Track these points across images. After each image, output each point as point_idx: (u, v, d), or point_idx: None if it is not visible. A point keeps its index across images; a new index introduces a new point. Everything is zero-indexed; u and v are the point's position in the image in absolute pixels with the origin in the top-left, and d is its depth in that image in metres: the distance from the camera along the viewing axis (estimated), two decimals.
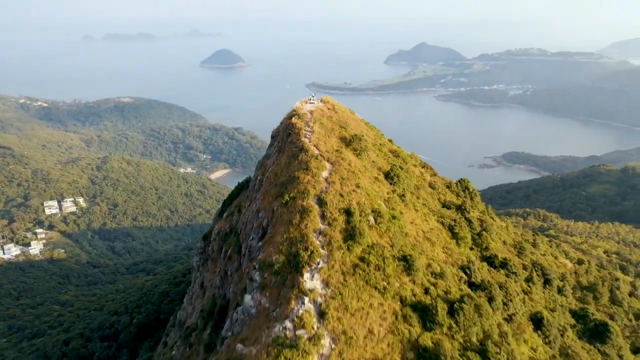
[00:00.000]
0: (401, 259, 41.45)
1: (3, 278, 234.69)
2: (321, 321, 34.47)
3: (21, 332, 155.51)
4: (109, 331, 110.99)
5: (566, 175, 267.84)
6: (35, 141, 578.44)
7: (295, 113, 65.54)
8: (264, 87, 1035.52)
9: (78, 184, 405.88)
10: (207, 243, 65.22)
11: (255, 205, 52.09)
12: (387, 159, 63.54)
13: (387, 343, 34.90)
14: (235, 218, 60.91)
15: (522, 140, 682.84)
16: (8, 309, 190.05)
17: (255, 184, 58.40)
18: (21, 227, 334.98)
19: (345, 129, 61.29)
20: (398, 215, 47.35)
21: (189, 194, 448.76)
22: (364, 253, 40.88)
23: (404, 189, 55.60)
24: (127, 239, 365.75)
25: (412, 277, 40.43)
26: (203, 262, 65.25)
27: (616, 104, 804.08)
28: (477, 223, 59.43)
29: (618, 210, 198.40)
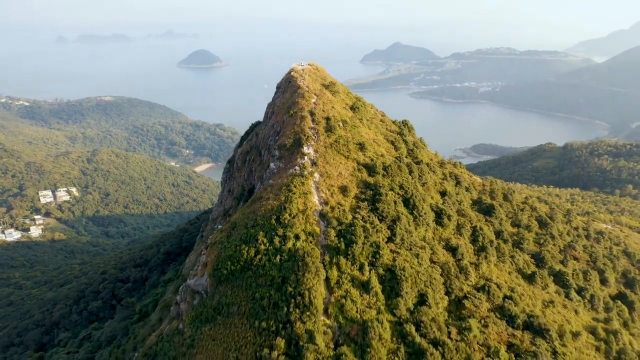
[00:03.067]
0: (358, 144, 72.54)
1: (14, 252, 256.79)
2: (313, 166, 64.93)
3: (49, 284, 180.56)
4: (140, 261, 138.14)
5: (517, 154, 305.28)
6: (21, 137, 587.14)
7: (293, 70, 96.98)
8: (242, 86, 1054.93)
9: (70, 175, 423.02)
10: (232, 164, 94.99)
11: (270, 122, 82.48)
12: (352, 100, 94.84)
13: (349, 179, 65.55)
14: (253, 140, 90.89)
15: (490, 133, 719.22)
16: (28, 272, 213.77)
17: (269, 116, 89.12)
18: (20, 214, 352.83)
19: (324, 79, 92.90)
20: (357, 125, 78.29)
21: (176, 184, 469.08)
22: (336, 138, 71.74)
23: (362, 116, 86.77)
24: (120, 225, 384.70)
25: (364, 153, 71.56)
26: (229, 176, 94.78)
27: (578, 99, 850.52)
28: (410, 143, 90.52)
29: (556, 178, 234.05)
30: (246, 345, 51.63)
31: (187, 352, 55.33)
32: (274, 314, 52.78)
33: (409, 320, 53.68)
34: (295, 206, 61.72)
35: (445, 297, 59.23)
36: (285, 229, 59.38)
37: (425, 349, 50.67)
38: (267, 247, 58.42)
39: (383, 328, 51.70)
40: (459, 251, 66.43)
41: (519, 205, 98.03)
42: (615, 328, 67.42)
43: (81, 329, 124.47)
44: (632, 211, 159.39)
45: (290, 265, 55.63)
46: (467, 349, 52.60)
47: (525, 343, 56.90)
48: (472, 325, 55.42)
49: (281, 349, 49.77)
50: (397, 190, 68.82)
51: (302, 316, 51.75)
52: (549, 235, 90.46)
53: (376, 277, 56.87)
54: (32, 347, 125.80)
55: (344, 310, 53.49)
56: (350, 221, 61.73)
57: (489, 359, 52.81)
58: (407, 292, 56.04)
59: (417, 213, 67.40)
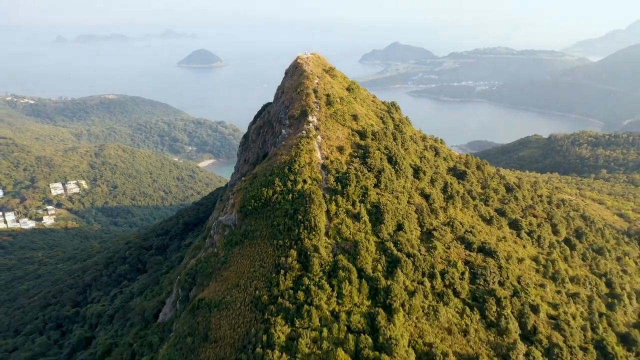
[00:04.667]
0: (352, 115, 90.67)
1: (32, 237, 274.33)
2: (316, 131, 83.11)
3: (73, 259, 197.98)
4: (161, 231, 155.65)
5: (506, 145, 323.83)
6: (29, 134, 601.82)
7: (299, 58, 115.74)
8: (242, 86, 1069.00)
9: (79, 168, 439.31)
10: (247, 138, 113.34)
11: (281, 100, 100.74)
12: (347, 83, 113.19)
13: (345, 141, 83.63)
14: (265, 117, 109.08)
15: (486, 130, 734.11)
16: (49, 253, 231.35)
17: (279, 96, 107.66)
18: (33, 205, 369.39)
19: (325, 66, 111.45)
20: (352, 102, 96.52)
21: (181, 177, 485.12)
22: (335, 110, 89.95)
23: (356, 95, 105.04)
24: (128, 216, 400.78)
25: (357, 122, 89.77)
26: (244, 148, 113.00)
27: (573, 97, 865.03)
28: (397, 119, 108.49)
29: (540, 166, 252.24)
30: (267, 257, 69.57)
31: (221, 267, 73.19)
32: (288, 235, 70.70)
33: (389, 240, 71.69)
34: (303, 159, 79.83)
35: (418, 228, 77.25)
36: (295, 176, 77.38)
37: (400, 258, 68.66)
38: (282, 189, 76.41)
39: (369, 244, 69.70)
40: (431, 197, 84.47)
41: (489, 174, 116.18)
42: (554, 258, 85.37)
43: (111, 288, 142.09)
44: (601, 189, 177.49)
45: (300, 200, 73.52)
46: (432, 260, 70.60)
47: (477, 261, 74.93)
48: (438, 246, 73.41)
49: (294, 257, 67.69)
50: (383, 150, 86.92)
51: (309, 235, 69.69)
52: (512, 197, 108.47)
53: (365, 210, 74.88)
54: (68, 304, 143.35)
55: (340, 232, 71.46)
56: (346, 170, 79.85)
57: (449, 268, 70.81)
58: (388, 222, 74.02)
59: (398, 168, 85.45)
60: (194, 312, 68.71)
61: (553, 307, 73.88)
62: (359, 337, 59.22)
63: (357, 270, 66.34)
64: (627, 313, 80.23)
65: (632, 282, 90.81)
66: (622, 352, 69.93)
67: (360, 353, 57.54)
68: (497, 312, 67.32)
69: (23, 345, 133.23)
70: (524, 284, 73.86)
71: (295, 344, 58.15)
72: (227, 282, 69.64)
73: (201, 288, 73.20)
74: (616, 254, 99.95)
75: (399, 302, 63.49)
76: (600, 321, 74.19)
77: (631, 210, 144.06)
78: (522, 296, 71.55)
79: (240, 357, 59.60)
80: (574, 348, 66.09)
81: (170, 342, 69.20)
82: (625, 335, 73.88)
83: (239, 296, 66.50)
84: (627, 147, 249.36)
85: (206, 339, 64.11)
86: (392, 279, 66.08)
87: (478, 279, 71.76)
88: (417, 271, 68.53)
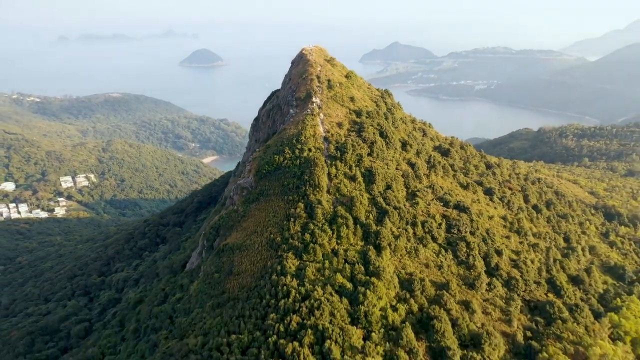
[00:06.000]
0: (350, 97, 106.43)
1: (48, 225, 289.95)
2: (319, 109, 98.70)
3: (91, 241, 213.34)
4: (177, 210, 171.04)
5: (498, 138, 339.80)
6: (36, 131, 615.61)
7: (304, 49, 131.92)
8: (244, 85, 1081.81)
9: (88, 162, 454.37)
10: (257, 121, 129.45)
11: (288, 85, 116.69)
12: (346, 71, 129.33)
13: (343, 118, 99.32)
14: (274, 101, 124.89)
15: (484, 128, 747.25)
16: (68, 237, 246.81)
17: (286, 82, 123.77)
18: (44, 197, 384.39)
19: (326, 56, 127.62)
20: (350, 87, 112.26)
21: (186, 172, 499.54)
22: (335, 93, 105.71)
23: (353, 82, 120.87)
24: (136, 208, 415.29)
25: (354, 103, 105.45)
26: (255, 130, 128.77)
27: (569, 95, 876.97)
28: (389, 104, 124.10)
29: (528, 156, 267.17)
30: (279, 209, 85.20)
31: (240, 220, 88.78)
32: (296, 191, 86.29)
33: (380, 196, 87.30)
34: (308, 132, 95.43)
35: (404, 189, 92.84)
36: (302, 145, 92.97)
37: (388, 210, 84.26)
38: (291, 156, 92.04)
39: (363, 199, 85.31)
40: (416, 166, 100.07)
41: (472, 153, 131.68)
42: (520, 217, 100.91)
43: (133, 260, 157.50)
44: (580, 174, 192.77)
45: (306, 165, 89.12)
46: (415, 213, 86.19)
47: (453, 215, 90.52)
48: (420, 203, 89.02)
49: (301, 208, 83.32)
50: (376, 126, 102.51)
51: (313, 192, 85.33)
52: (491, 172, 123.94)
53: (359, 173, 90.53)
54: (94, 274, 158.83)
55: (339, 190, 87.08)
56: (344, 141, 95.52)
57: (428, 219, 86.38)
58: (379, 182, 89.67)
59: (388, 141, 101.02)
60: (220, 255, 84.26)
61: (515, 253, 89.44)
62: (353, 266, 74.84)
63: (353, 218, 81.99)
64: (580, 262, 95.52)
65: (589, 240, 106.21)
66: (570, 288, 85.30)
67: (355, 278, 73.13)
68: (467, 253, 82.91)
69: (55, 310, 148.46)
70: (491, 234, 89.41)
71: (303, 272, 73.70)
72: (247, 230, 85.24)
73: (224, 237, 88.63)
74: (579, 220, 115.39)
75: (386, 242, 79.09)
76: (555, 265, 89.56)
77: (602, 190, 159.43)
78: (489, 243, 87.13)
79: (259, 283, 75.12)
80: (529, 281, 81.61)
81: (199, 280, 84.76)
82: (575, 277, 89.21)
83: (257, 240, 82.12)
84: (611, 138, 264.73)
85: (230, 273, 79.64)
86: (381, 225, 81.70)
87: (452, 228, 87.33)
88: (402, 220, 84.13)
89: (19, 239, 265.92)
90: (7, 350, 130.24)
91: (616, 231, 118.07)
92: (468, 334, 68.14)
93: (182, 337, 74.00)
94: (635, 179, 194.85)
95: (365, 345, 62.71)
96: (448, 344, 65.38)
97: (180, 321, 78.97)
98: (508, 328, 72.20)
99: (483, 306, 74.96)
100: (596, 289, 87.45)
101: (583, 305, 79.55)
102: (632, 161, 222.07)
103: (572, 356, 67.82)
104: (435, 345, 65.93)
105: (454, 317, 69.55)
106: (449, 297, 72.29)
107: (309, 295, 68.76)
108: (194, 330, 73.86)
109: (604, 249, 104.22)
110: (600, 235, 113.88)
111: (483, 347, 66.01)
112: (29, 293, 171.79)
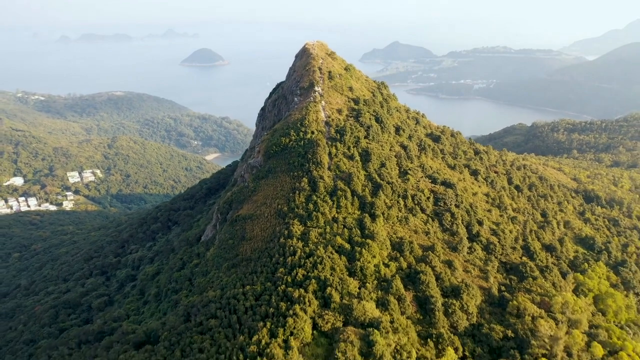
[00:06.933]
0: (348, 87, 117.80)
1: (58, 216, 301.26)
2: (321, 97, 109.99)
3: (103, 229, 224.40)
4: (187, 195, 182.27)
5: (493, 133, 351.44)
6: (42, 128, 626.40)
7: (307, 44, 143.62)
8: (245, 84, 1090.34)
9: (94, 158, 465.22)
10: (264, 110, 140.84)
11: (293, 77, 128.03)
12: (345, 64, 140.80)
13: (342, 105, 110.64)
14: (279, 91, 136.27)
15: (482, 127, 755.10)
16: (79, 226, 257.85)
17: (291, 74, 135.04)
18: (53, 191, 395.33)
19: (327, 50, 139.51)
20: (348, 78, 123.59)
21: (189, 168, 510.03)
22: (335, 83, 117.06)
23: (351, 74, 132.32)
24: (141, 202, 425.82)
25: (352, 93, 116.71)
26: (262, 118, 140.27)
27: (567, 94, 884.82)
28: (385, 94, 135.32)
29: (521, 149, 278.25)
30: (286, 184, 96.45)
31: (251, 194, 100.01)
32: (301, 168, 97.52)
33: (375, 173, 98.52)
34: (311, 117, 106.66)
35: (397, 168, 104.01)
36: (305, 128, 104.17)
37: (382, 184, 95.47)
38: (296, 137, 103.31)
39: (360, 175, 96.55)
40: (408, 148, 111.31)
41: (461, 140, 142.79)
42: (502, 194, 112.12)
43: (147, 242, 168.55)
44: (567, 164, 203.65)
45: (309, 145, 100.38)
46: (406, 187, 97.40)
47: (440, 190, 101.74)
48: (411, 179, 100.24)
49: (305, 183, 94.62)
50: (372, 112, 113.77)
51: (316, 168, 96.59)
52: (478, 158, 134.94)
53: (357, 152, 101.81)
54: (110, 256, 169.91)
55: (338, 167, 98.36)
56: (343, 125, 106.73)
57: (418, 192, 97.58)
58: (374, 161, 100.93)
59: (383, 126, 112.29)
60: (233, 225, 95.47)
61: (495, 225, 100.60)
62: (351, 231, 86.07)
63: (351, 191, 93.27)
64: (554, 234, 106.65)
65: (565, 217, 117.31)
66: (543, 254, 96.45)
67: (352, 240, 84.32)
68: (451, 222, 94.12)
69: (74, 288, 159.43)
70: (474, 207, 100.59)
71: (307, 235, 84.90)
72: (257, 203, 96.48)
73: (236, 210, 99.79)
74: (558, 200, 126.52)
75: (380, 211, 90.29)
76: (530, 235, 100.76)
77: (585, 177, 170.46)
78: (472, 214, 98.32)
79: (269, 245, 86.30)
80: (506, 247, 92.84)
81: (215, 246, 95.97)
82: (549, 245, 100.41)
83: (266, 210, 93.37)
84: (600, 132, 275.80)
85: (243, 238, 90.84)
86: (376, 197, 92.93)
87: (439, 201, 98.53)
88: (394, 193, 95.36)
89: (32, 229, 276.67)
90: (33, 322, 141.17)
91: (592, 211, 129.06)
92: (450, 286, 79.30)
93: (202, 293, 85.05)
94: (619, 168, 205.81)
95: (361, 292, 73.85)
96: (432, 293, 76.54)
97: (199, 281, 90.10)
98: (485, 283, 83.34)
99: (464, 265, 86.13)
100: (567, 256, 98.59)
101: (553, 266, 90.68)
102: (618, 153, 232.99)
103: (538, 304, 78.95)
104: (420, 294, 77.08)
105: (437, 272, 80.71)
106: (434, 257, 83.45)
107: (313, 254, 79.83)
108: (212, 287, 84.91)
109: (578, 224, 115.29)
110: (577, 214, 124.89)
111: (462, 297, 77.10)
112: (47, 275, 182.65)
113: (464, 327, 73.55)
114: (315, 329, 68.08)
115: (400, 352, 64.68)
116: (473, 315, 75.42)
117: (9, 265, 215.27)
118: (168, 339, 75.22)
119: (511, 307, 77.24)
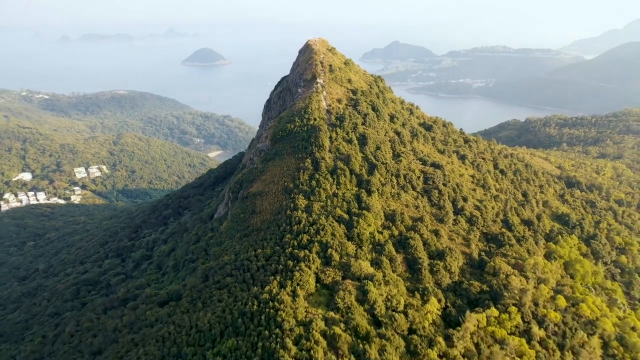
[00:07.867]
0: (348, 79, 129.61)
1: (68, 209, 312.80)
2: (322, 88, 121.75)
3: (115, 218, 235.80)
4: (196, 184, 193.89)
5: (488, 129, 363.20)
6: (47, 126, 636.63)
7: (309, 40, 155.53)
8: (246, 83, 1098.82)
9: (100, 155, 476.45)
10: (270, 102, 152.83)
11: (296, 70, 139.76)
12: (344, 59, 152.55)
13: (342, 96, 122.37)
14: (284, 84, 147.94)
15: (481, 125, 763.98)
16: (90, 217, 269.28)
17: (295, 68, 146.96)
18: (61, 186, 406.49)
19: (328, 47, 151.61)
20: (348, 71, 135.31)
21: (193, 165, 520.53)
22: (335, 75, 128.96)
23: (350, 68, 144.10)
24: (146, 197, 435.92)
25: (351, 84, 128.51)
26: (268, 109, 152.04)
27: (565, 93, 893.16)
28: (381, 87, 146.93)
29: (514, 143, 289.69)
30: (291, 164, 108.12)
31: (260, 174, 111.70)
32: (304, 150, 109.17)
33: (371, 155, 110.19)
34: (314, 106, 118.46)
35: (391, 151, 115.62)
36: (309, 115, 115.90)
37: (377, 164, 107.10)
38: (300, 124, 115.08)
39: (357, 156, 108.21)
40: (402, 134, 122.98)
41: (452, 130, 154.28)
42: (486, 177, 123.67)
43: (159, 227, 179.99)
44: (555, 155, 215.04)
45: (312, 130, 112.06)
46: (399, 167, 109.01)
47: (429, 171, 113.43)
48: (403, 161, 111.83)
49: (309, 163, 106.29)
50: (368, 102, 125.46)
51: (318, 151, 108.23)
52: (467, 145, 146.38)
53: (355, 137, 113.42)
54: (124, 240, 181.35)
55: (338, 150, 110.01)
56: (342, 112, 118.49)
57: (409, 172, 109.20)
58: (370, 145, 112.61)
59: (379, 114, 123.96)
60: (244, 201, 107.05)
61: (478, 201, 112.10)
62: (349, 204, 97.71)
63: (349, 170, 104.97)
64: (533, 211, 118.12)
65: (545, 197, 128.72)
66: (521, 228, 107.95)
67: (350, 211, 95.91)
68: (439, 198, 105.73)
69: (92, 269, 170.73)
70: (460, 186, 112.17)
71: (311, 208, 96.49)
72: (265, 182, 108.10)
73: (247, 189, 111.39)
74: (540, 183, 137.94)
75: (375, 188, 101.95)
76: (510, 211, 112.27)
77: (570, 165, 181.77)
78: (458, 192, 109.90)
79: (277, 217, 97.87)
80: (487, 220, 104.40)
81: (228, 220, 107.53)
82: (527, 220, 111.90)
83: (274, 187, 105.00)
84: (590, 127, 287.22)
85: (253, 212, 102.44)
86: (371, 176, 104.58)
87: (429, 180, 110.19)
88: (388, 173, 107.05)
89: (44, 219, 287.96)
90: (56, 298, 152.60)
91: (572, 194, 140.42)
92: (435, 250, 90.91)
93: (217, 259, 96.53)
94: (604, 160, 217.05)
95: (357, 253, 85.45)
96: (420, 255, 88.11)
97: (214, 250, 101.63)
98: (467, 249, 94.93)
99: (449, 234, 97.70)
100: (543, 229, 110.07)
101: (529, 237, 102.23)
102: (605, 146, 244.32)
103: (513, 266, 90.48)
104: (410, 257, 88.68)
105: (425, 238, 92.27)
106: (422, 226, 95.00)
107: (316, 222, 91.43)
108: (226, 253, 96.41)
109: (556, 203, 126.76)
110: (557, 196, 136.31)
111: (446, 259, 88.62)
112: (64, 259, 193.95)
113: (447, 284, 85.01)
114: (318, 282, 79.60)
115: (391, 300, 76.18)
116: (455, 274, 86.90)
117: (25, 253, 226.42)
118: (190, 296, 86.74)
119: (489, 268, 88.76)
